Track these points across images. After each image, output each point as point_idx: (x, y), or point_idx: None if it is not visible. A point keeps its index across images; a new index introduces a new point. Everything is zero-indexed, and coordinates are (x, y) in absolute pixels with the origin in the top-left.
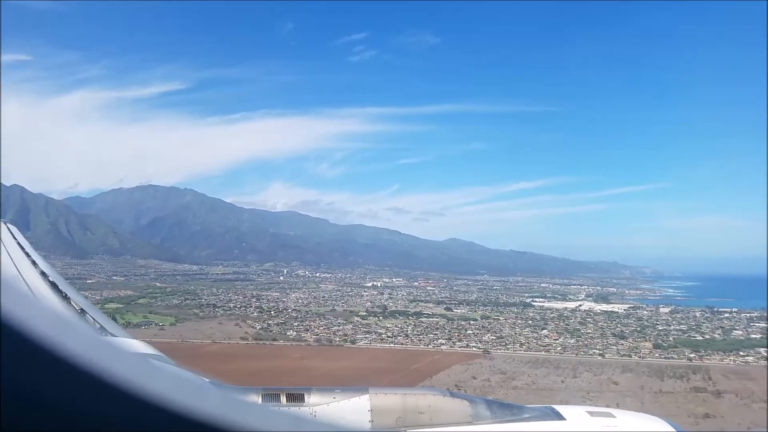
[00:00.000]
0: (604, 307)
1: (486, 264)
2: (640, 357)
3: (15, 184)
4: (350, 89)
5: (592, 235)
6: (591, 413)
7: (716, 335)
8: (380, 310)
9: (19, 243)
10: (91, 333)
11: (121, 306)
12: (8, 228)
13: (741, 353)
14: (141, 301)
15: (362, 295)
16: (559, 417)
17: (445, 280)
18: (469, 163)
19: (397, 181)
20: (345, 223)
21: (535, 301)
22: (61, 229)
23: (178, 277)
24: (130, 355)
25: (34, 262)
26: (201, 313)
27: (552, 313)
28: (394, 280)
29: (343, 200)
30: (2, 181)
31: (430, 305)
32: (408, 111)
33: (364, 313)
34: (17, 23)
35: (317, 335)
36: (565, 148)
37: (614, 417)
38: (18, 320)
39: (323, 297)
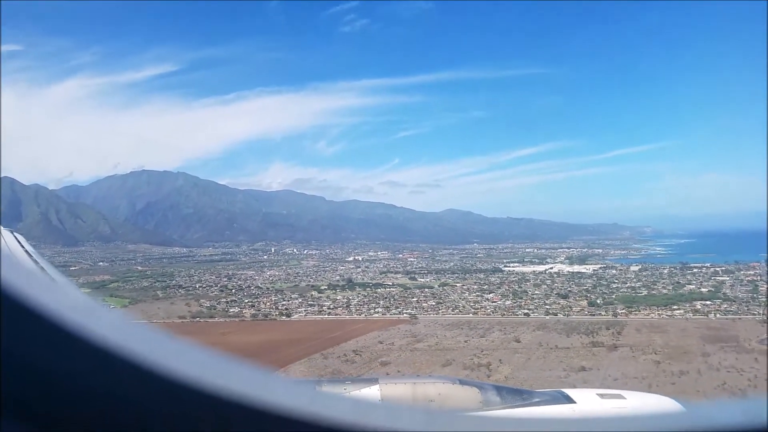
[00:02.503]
0: (576, 268)
1: (481, 233)
2: (565, 315)
3: (6, 176)
4: (344, 62)
5: (594, 199)
6: (601, 395)
7: (665, 291)
8: (344, 284)
9: (26, 250)
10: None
11: (90, 290)
12: (15, 236)
13: (674, 307)
14: (112, 285)
15: (337, 270)
16: (570, 400)
17: (430, 251)
18: (468, 133)
19: (396, 155)
20: (341, 199)
21: (508, 266)
22: (52, 218)
23: (164, 260)
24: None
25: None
26: (161, 294)
27: (514, 277)
28: (379, 253)
29: (342, 177)
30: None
31: (399, 276)
32: (404, 81)
33: (324, 287)
34: (7, 13)
35: (258, 311)
36: (564, 111)
37: (624, 398)
38: (44, 304)
39: (297, 273)
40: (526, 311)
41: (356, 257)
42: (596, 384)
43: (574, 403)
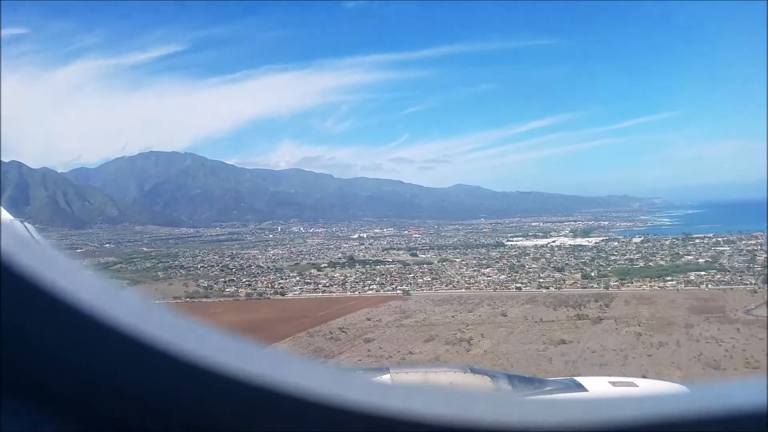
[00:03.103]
0: (579, 241)
1: (489, 207)
2: (557, 288)
3: (13, 161)
4: (350, 38)
5: (604, 171)
6: (613, 383)
7: (663, 262)
8: (345, 261)
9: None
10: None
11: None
12: (24, 225)
13: (667, 278)
14: (116, 266)
15: (341, 248)
16: (582, 389)
17: (435, 227)
18: (477, 107)
19: (405, 131)
20: (349, 177)
21: (511, 241)
22: (59, 201)
23: (170, 241)
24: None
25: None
26: (162, 275)
27: (515, 251)
28: (384, 230)
29: (350, 155)
30: (2, 158)
31: (401, 252)
32: (411, 56)
33: (324, 265)
34: None
35: (254, 290)
36: (574, 83)
37: (636, 386)
38: (63, 289)
39: (300, 252)
40: (518, 285)
41: (361, 234)
42: (573, 356)
43: (586, 391)
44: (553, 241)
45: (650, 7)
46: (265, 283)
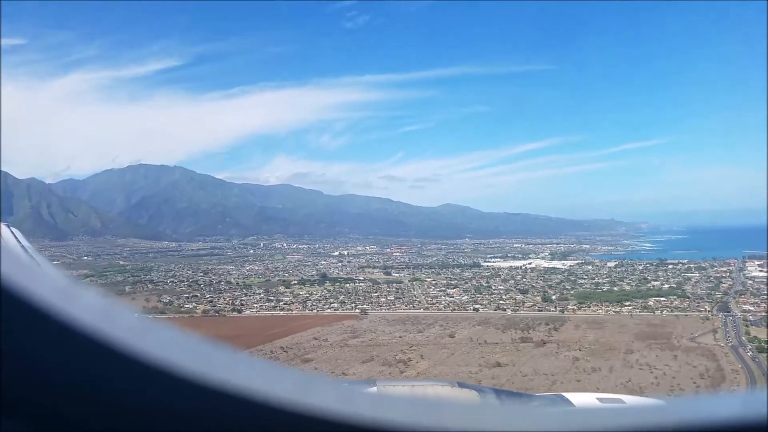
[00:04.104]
0: (555, 263)
1: (476, 228)
2: (513, 311)
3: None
4: (347, 57)
5: (594, 194)
6: (601, 399)
7: (628, 287)
8: (316, 279)
9: (22, 245)
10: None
11: None
12: (10, 230)
13: (626, 303)
14: (87, 279)
15: (319, 265)
16: (569, 404)
17: (419, 246)
18: (470, 128)
19: (400, 149)
20: (339, 193)
21: (489, 261)
22: (43, 212)
23: (150, 255)
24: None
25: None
26: (128, 289)
27: (487, 272)
28: (367, 248)
29: (344, 171)
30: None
31: (375, 271)
32: (407, 77)
33: (295, 282)
34: (10, 7)
35: (213, 307)
36: (567, 107)
37: (623, 402)
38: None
39: (277, 268)
40: (477, 306)
41: (342, 252)
42: (503, 380)
43: (573, 406)
44: (529, 263)
45: (644, 36)
46: (227, 300)
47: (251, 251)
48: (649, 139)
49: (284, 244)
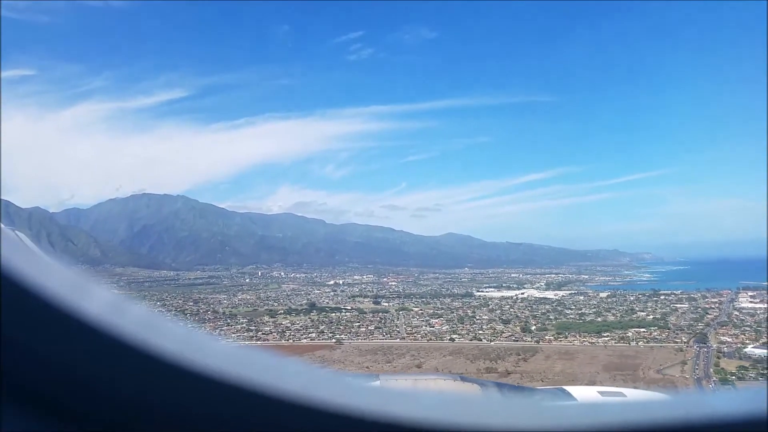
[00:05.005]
0: (547, 294)
1: (478, 257)
2: (489, 341)
3: (3, 199)
4: (351, 89)
5: (599, 224)
6: (602, 393)
7: (613, 318)
8: (304, 308)
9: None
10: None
11: None
12: (16, 234)
13: (604, 334)
14: None
15: (312, 294)
16: (570, 398)
17: (416, 275)
18: (474, 158)
19: (403, 179)
20: (341, 222)
21: (482, 291)
22: (42, 241)
23: (146, 284)
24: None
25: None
26: None
27: (477, 302)
28: (364, 277)
29: (347, 200)
30: (2, 197)
31: (365, 300)
32: (412, 108)
33: (281, 312)
34: (20, 38)
35: None
36: (571, 137)
37: (624, 395)
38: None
39: (268, 297)
40: (453, 336)
41: (337, 281)
42: None
43: (575, 400)
44: (522, 293)
45: (647, 69)
46: (207, 330)
47: (247, 280)
48: (653, 169)
49: (282, 273)
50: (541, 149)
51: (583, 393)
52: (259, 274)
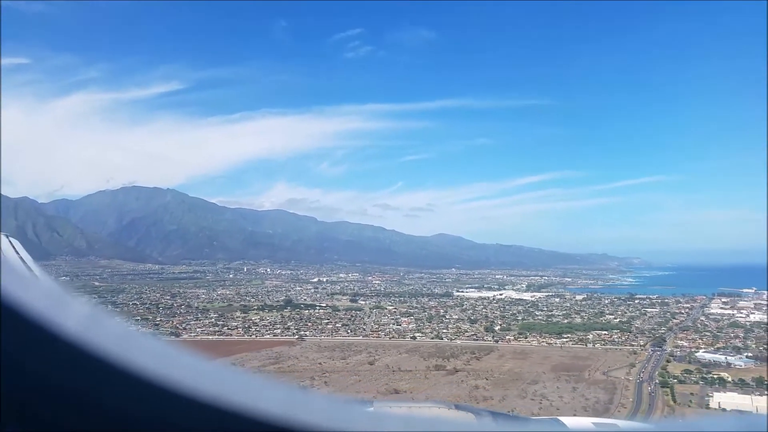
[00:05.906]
0: (524, 295)
1: (467, 258)
2: (450, 340)
3: None
4: (349, 86)
5: (591, 228)
6: (596, 424)
7: (579, 320)
8: (279, 305)
9: (21, 257)
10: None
11: None
12: (9, 241)
13: (564, 335)
14: None
15: (292, 291)
16: (564, 428)
17: (401, 275)
18: (469, 159)
19: (400, 178)
20: (333, 220)
21: (461, 291)
22: (27, 231)
23: (129, 277)
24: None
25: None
26: None
27: (452, 302)
28: (349, 275)
29: (340, 198)
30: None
31: (342, 298)
32: (409, 107)
33: (255, 308)
34: (15, 26)
35: (156, 330)
36: (567, 142)
37: (618, 427)
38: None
39: (248, 293)
40: (416, 335)
41: (321, 279)
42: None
43: (568, 430)
44: (500, 294)
45: (648, 75)
46: (174, 323)
47: (231, 276)
48: (647, 176)
49: (268, 270)
50: (538, 153)
51: (577, 423)
52: (245, 270)
